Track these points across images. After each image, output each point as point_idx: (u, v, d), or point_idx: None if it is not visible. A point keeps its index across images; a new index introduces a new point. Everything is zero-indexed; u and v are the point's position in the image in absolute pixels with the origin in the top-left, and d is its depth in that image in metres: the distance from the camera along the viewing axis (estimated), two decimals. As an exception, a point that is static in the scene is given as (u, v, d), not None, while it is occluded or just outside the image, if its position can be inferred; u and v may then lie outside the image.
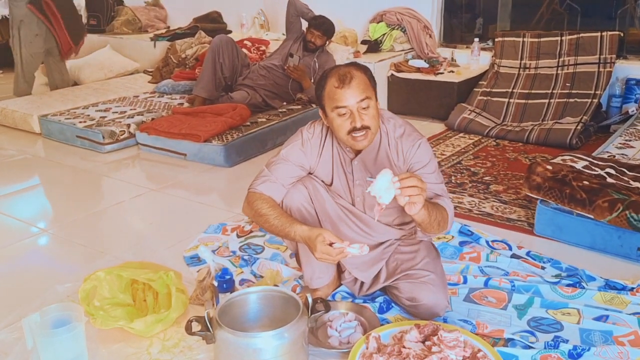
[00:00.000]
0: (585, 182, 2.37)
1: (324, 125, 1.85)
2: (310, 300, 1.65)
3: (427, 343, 1.63)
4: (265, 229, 1.79)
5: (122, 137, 3.74)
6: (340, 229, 1.87)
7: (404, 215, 1.92)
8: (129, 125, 3.79)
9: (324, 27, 4.02)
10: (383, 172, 1.57)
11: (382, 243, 1.94)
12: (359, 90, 1.67)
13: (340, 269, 1.98)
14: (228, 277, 1.86)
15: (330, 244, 1.62)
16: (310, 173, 1.87)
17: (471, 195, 2.90)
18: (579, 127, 3.59)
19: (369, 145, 1.76)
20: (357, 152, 1.82)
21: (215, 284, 1.85)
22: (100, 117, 3.96)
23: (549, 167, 2.51)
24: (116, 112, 4.06)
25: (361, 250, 1.64)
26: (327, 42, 4.14)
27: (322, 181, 1.87)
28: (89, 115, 3.98)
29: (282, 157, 1.83)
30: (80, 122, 3.85)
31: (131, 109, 4.13)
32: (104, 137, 3.67)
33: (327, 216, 1.86)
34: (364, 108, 1.68)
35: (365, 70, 1.73)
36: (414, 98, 4.30)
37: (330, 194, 1.87)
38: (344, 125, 1.70)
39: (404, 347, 1.63)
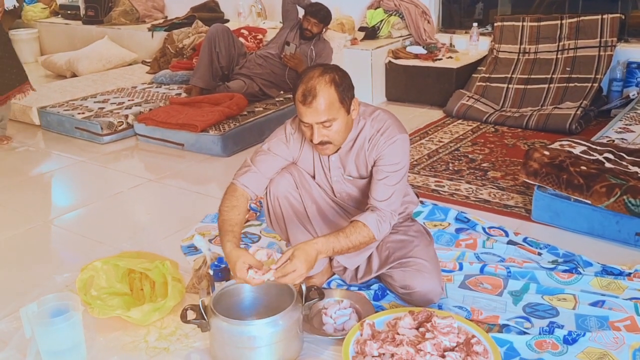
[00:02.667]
0: (583, 168, 2.36)
1: None
2: (304, 288, 1.66)
3: (421, 329, 1.64)
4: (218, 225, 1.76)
5: (120, 128, 3.74)
6: (326, 213, 1.90)
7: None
8: (127, 116, 3.79)
9: (321, 14, 3.99)
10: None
11: None
12: (320, 112, 1.61)
13: (330, 259, 1.99)
14: (223, 265, 1.87)
15: (249, 267, 1.57)
16: (294, 163, 1.88)
17: (469, 182, 2.90)
18: (578, 112, 3.56)
19: (333, 153, 1.77)
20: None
21: (211, 272, 1.87)
22: (99, 108, 3.96)
23: (546, 152, 2.50)
24: (114, 103, 4.06)
25: (268, 256, 1.63)
26: (324, 30, 4.11)
27: (308, 173, 1.88)
28: (87, 107, 3.99)
29: (266, 150, 1.83)
30: (79, 113, 3.86)
31: (129, 100, 4.13)
32: (102, 129, 3.68)
33: (314, 200, 1.88)
34: (325, 126, 1.65)
35: (338, 84, 1.62)
36: (412, 85, 4.28)
37: (318, 186, 1.89)
38: (306, 132, 1.70)
39: (397, 333, 1.64)
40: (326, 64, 1.75)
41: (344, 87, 1.65)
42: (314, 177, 1.89)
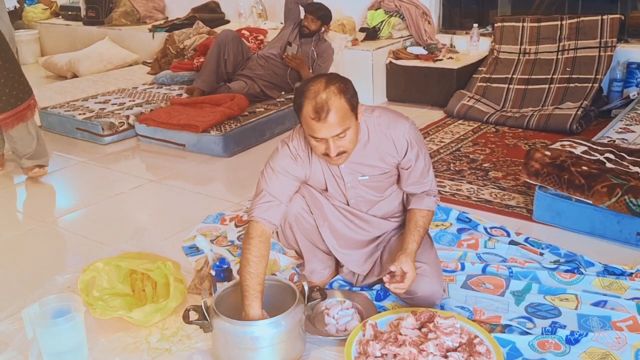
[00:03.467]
0: (584, 168, 2.36)
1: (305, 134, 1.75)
2: (306, 288, 1.65)
3: (423, 330, 1.64)
4: (240, 268, 1.70)
5: (121, 128, 3.74)
6: (338, 228, 1.87)
7: (401, 207, 1.94)
8: (128, 117, 3.79)
9: (320, 12, 4.00)
10: None
11: (377, 237, 1.94)
12: (335, 125, 1.56)
13: (338, 263, 1.99)
14: (225, 266, 1.87)
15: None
16: (305, 182, 1.84)
17: (470, 183, 2.90)
18: (579, 112, 3.56)
19: (345, 162, 1.72)
20: None
21: (213, 273, 1.86)
22: (100, 109, 3.96)
23: (548, 152, 2.49)
24: (115, 104, 4.06)
25: None
26: (323, 29, 4.11)
27: (317, 187, 1.85)
28: (88, 107, 3.99)
29: (277, 171, 1.73)
30: (80, 114, 3.86)
31: (130, 101, 4.13)
32: (103, 129, 3.68)
33: (325, 219, 1.85)
34: (340, 138, 1.60)
35: (345, 92, 1.58)
36: (413, 85, 4.28)
37: (325, 196, 1.86)
38: (319, 147, 1.64)
39: (400, 334, 1.64)
40: (324, 74, 1.67)
41: (351, 94, 1.60)
42: (326, 190, 1.84)
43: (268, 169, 1.75)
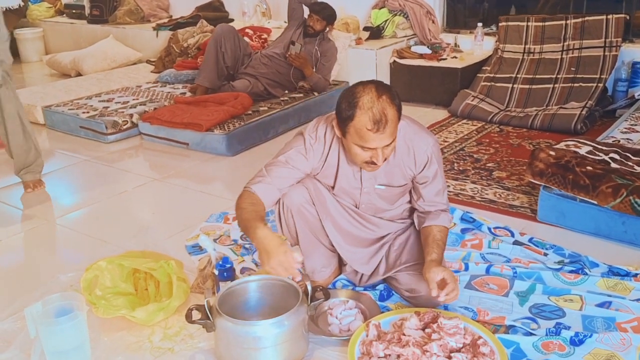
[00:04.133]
0: (589, 168, 2.35)
1: (330, 129, 1.74)
2: (309, 288, 1.65)
3: (427, 330, 1.64)
4: (238, 223, 1.70)
5: (124, 127, 3.74)
6: (342, 225, 1.86)
7: (408, 212, 1.93)
8: (131, 115, 3.79)
9: (325, 12, 3.99)
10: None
11: (383, 236, 1.94)
12: (389, 135, 1.57)
13: (341, 262, 1.98)
14: (228, 265, 1.86)
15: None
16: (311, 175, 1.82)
17: (474, 182, 2.89)
18: (583, 112, 3.54)
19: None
20: None
21: (216, 272, 1.86)
22: (103, 107, 3.96)
23: (552, 152, 2.48)
24: (119, 102, 4.06)
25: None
26: (328, 29, 4.10)
27: (325, 182, 1.82)
28: (92, 106, 3.99)
29: (282, 161, 1.74)
30: (84, 112, 3.86)
31: (134, 99, 4.13)
32: (107, 128, 3.68)
33: (328, 214, 1.83)
34: (388, 147, 1.61)
35: (395, 102, 1.58)
36: (417, 85, 4.26)
37: (332, 193, 1.84)
38: (362, 155, 1.62)
39: (403, 334, 1.63)
40: (365, 81, 1.62)
41: (399, 102, 1.60)
42: (333, 188, 1.82)
43: (279, 158, 1.75)
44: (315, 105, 4.06)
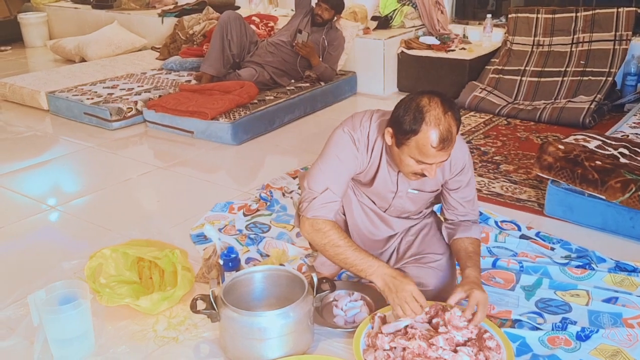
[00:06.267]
0: (598, 162, 2.33)
1: (373, 129, 1.66)
2: (315, 279, 1.63)
3: (434, 321, 1.62)
4: (337, 259, 1.65)
5: (129, 114, 3.72)
6: (358, 223, 1.83)
7: (423, 206, 1.91)
8: (136, 102, 3.77)
9: (333, 1, 3.94)
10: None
11: (395, 234, 1.91)
12: (449, 153, 1.53)
13: None
14: (234, 255, 1.85)
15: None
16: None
17: (481, 175, 2.86)
18: (592, 106, 3.51)
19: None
20: None
21: (221, 262, 1.85)
22: (108, 94, 3.93)
23: (561, 146, 2.46)
24: (123, 89, 4.04)
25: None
26: (336, 18, 4.06)
27: (360, 180, 1.77)
28: (96, 92, 3.97)
29: (343, 159, 1.64)
30: (88, 99, 3.83)
31: (138, 86, 4.10)
32: (111, 114, 3.66)
33: (352, 215, 1.82)
34: (443, 161, 1.57)
35: (459, 120, 1.53)
36: (425, 76, 4.23)
37: (355, 189, 1.80)
38: (413, 167, 1.56)
39: (410, 327, 1.62)
40: (431, 92, 1.55)
41: (460, 118, 1.55)
42: (370, 186, 1.75)
43: (332, 157, 1.65)
44: (321, 95, 4.03)
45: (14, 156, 3.32)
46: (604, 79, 3.73)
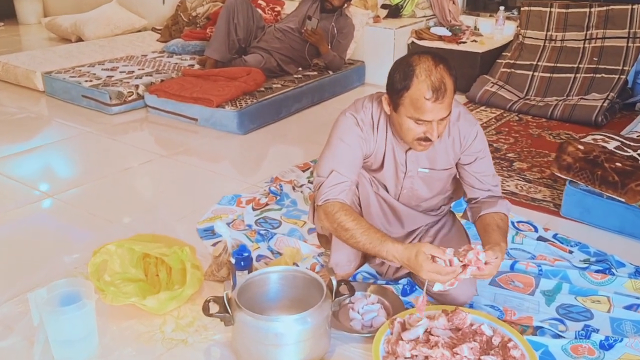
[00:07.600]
0: (618, 164, 2.27)
1: (375, 107, 1.65)
2: (334, 282, 1.55)
3: (459, 333, 1.55)
4: (350, 243, 1.60)
5: (130, 98, 3.60)
6: (372, 216, 1.77)
7: (444, 202, 1.85)
8: (137, 86, 3.64)
9: None
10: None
11: (412, 231, 1.85)
12: (447, 106, 1.48)
13: (367, 255, 1.88)
14: (246, 254, 1.76)
15: (432, 258, 1.46)
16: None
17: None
18: (605, 104, 3.45)
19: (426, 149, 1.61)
20: None
21: (233, 261, 1.76)
22: (107, 76, 3.80)
23: (581, 147, 2.39)
24: (123, 72, 3.90)
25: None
26: (346, 5, 3.94)
27: (370, 166, 1.73)
28: (95, 74, 3.83)
29: (347, 142, 1.61)
30: (86, 81, 3.70)
31: (139, 69, 3.97)
32: (111, 98, 3.53)
33: (369, 212, 1.76)
34: (443, 121, 1.51)
35: (453, 72, 1.50)
36: (434, 67, 4.13)
37: (378, 179, 1.75)
38: (415, 131, 1.52)
39: (431, 334, 1.55)
40: (418, 52, 1.54)
41: (455, 74, 1.51)
42: (381, 169, 1.72)
43: (336, 140, 1.63)
44: (329, 84, 3.93)
45: (7, 139, 3.18)
46: (617, 76, 3.65)
